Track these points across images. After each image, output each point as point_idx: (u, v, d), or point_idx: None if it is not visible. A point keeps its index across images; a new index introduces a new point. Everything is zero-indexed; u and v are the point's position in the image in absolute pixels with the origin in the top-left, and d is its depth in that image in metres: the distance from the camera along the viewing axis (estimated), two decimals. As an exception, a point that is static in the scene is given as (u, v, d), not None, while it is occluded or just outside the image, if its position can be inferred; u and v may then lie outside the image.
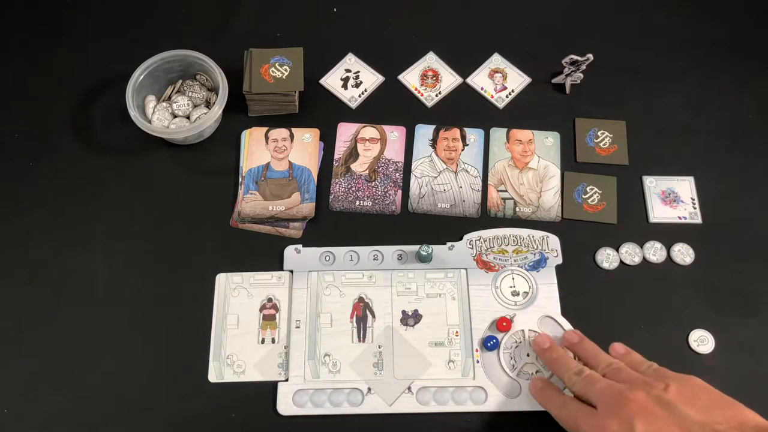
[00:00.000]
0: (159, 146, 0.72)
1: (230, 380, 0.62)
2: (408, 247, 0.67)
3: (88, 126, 0.74)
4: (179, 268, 0.66)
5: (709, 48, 0.78)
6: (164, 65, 0.72)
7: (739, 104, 0.75)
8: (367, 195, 0.70)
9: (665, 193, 0.70)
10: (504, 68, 0.77)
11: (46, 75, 0.76)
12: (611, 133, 0.73)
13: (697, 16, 0.80)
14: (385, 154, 0.72)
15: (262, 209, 0.68)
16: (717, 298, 0.65)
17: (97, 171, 0.71)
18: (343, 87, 0.76)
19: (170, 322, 0.64)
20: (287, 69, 0.72)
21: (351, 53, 0.78)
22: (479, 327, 0.63)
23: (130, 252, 0.67)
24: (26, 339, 0.63)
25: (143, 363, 0.62)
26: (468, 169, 0.71)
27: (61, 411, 0.61)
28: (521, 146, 0.73)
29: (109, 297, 0.65)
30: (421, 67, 0.77)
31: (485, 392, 0.60)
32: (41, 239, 0.68)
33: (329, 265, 0.66)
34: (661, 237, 0.68)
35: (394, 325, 0.63)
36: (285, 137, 0.72)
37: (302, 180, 0.70)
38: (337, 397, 0.60)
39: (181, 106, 0.72)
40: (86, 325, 0.64)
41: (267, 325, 0.64)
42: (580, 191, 0.70)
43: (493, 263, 0.66)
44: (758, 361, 0.62)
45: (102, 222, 0.69)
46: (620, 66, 0.77)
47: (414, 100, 0.75)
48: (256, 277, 0.66)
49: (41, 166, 0.72)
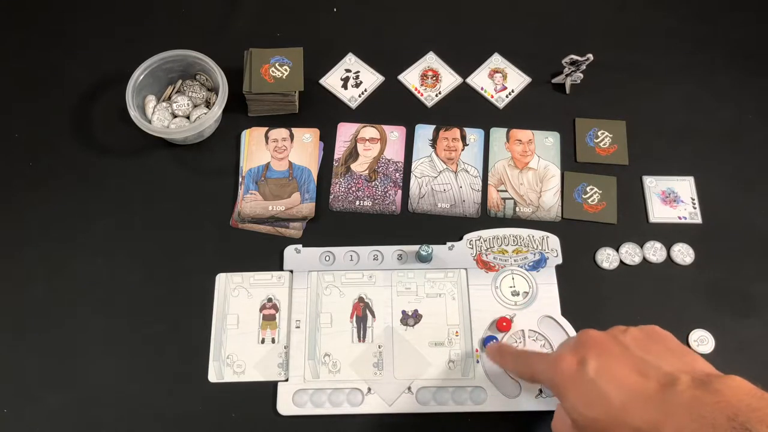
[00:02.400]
0: (159, 146, 0.72)
1: (230, 380, 0.62)
2: (408, 247, 0.67)
3: (88, 126, 0.74)
4: (179, 268, 0.66)
5: (709, 48, 0.78)
6: (164, 65, 0.72)
7: (739, 104, 0.75)
8: (367, 195, 0.70)
9: (665, 193, 0.70)
10: (504, 68, 0.77)
11: (46, 75, 0.76)
12: (611, 133, 0.73)
13: (697, 16, 0.80)
14: (385, 154, 0.72)
15: (262, 209, 0.68)
16: (717, 298, 0.65)
17: (97, 171, 0.71)
18: (343, 87, 0.76)
19: (170, 322, 0.64)
20: (287, 69, 0.72)
21: (351, 53, 0.78)
22: (479, 327, 0.63)
23: (130, 252, 0.67)
24: (26, 339, 0.63)
25: (143, 363, 0.62)
26: (468, 169, 0.71)
27: (61, 411, 0.61)
28: (521, 146, 0.73)
29: (109, 297, 0.65)
30: (421, 67, 0.77)
31: (485, 392, 0.60)
32: (41, 239, 0.68)
33: (329, 265, 0.66)
34: (661, 237, 0.68)
35: (394, 325, 0.63)
36: (285, 137, 0.72)
37: (302, 180, 0.70)
38: (337, 397, 0.60)
39: (181, 106, 0.72)
40: (86, 325, 0.64)
41: (267, 325, 0.64)
42: (580, 191, 0.70)
43: (493, 263, 0.66)
44: (758, 361, 0.62)
45: (102, 222, 0.69)
46: (620, 66, 0.77)
47: (414, 100, 0.75)
48: (256, 277, 0.66)
49: (41, 166, 0.72)
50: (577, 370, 0.44)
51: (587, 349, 0.45)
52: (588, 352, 0.44)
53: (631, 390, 0.41)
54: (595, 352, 0.44)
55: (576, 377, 0.44)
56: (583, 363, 0.44)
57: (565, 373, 0.44)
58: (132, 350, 0.63)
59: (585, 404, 0.43)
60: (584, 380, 0.43)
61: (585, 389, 0.43)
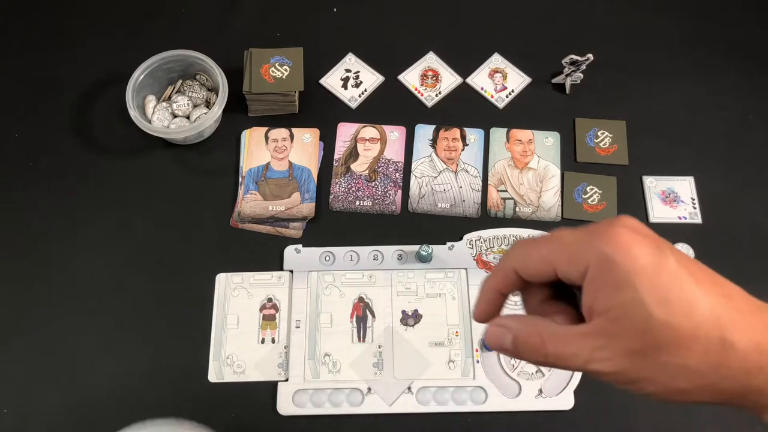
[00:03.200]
0: (159, 146, 0.72)
1: (230, 380, 0.62)
2: (408, 247, 0.66)
3: (88, 126, 0.74)
4: (179, 268, 0.66)
5: (709, 48, 0.78)
6: (164, 65, 0.71)
7: (739, 104, 0.75)
8: (367, 195, 0.70)
9: (665, 193, 0.70)
10: (504, 68, 0.77)
11: (46, 75, 0.76)
12: (611, 133, 0.73)
13: (697, 16, 0.80)
14: (385, 154, 0.72)
15: (262, 209, 0.68)
16: (717, 298, 0.65)
17: (97, 171, 0.71)
18: (343, 87, 0.76)
19: (170, 322, 0.64)
20: (287, 69, 0.72)
21: (351, 53, 0.78)
22: (479, 327, 0.63)
23: (130, 252, 0.67)
24: (26, 339, 0.63)
25: (143, 363, 0.62)
26: (468, 169, 0.71)
27: (61, 411, 0.61)
28: (521, 146, 0.73)
29: (109, 297, 0.65)
30: (421, 67, 0.77)
31: (485, 392, 0.60)
32: (41, 239, 0.68)
33: (329, 265, 0.66)
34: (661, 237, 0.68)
35: (394, 325, 0.63)
36: (285, 137, 0.72)
37: (302, 180, 0.70)
38: (337, 397, 0.60)
39: (181, 106, 0.72)
40: (86, 324, 0.64)
41: (267, 325, 0.64)
42: (580, 191, 0.70)
43: (493, 263, 0.66)
44: (758, 361, 0.62)
45: (102, 222, 0.69)
46: (620, 66, 0.77)
47: (414, 100, 0.75)
48: (256, 277, 0.66)
49: (41, 166, 0.72)
50: (656, 255, 0.30)
51: (656, 238, 0.31)
52: (659, 240, 0.31)
53: (719, 300, 0.29)
54: (666, 244, 0.31)
55: (655, 264, 0.29)
56: (661, 250, 0.30)
57: (638, 256, 0.30)
58: (132, 350, 0.63)
59: (662, 302, 0.29)
60: (667, 271, 0.29)
61: (665, 283, 0.29)
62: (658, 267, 0.29)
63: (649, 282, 0.29)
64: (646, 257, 0.29)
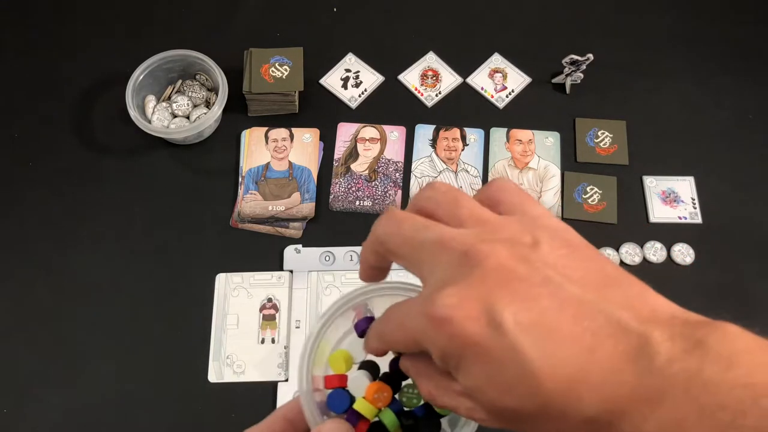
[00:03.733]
0: (159, 146, 0.72)
1: (230, 380, 0.62)
2: (408, 247, 0.66)
3: (88, 126, 0.74)
4: (179, 268, 0.66)
5: (709, 48, 0.78)
6: (164, 65, 0.71)
7: (739, 104, 0.75)
8: (367, 195, 0.70)
9: (665, 193, 0.70)
10: (504, 68, 0.77)
11: (46, 75, 0.76)
12: (611, 133, 0.73)
13: (697, 16, 0.80)
14: (385, 154, 0.72)
15: (262, 209, 0.68)
16: (717, 298, 0.65)
17: (97, 171, 0.71)
18: (343, 87, 0.76)
19: (170, 322, 0.64)
20: (287, 69, 0.72)
21: (351, 53, 0.78)
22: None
23: (130, 252, 0.67)
24: (26, 339, 0.63)
25: (143, 363, 0.62)
26: (468, 169, 0.71)
27: (61, 411, 0.61)
28: (521, 146, 0.73)
29: (109, 297, 0.65)
30: (421, 67, 0.77)
31: (485, 392, 0.60)
32: (41, 239, 0.68)
33: (329, 265, 0.66)
34: (661, 237, 0.68)
35: (394, 325, 0.63)
36: (285, 137, 0.72)
37: (302, 180, 0.70)
38: (337, 397, 0.60)
39: (181, 106, 0.72)
40: (86, 325, 0.64)
41: (267, 325, 0.64)
42: (580, 191, 0.70)
43: (493, 263, 0.66)
44: (758, 361, 0.62)
45: (102, 222, 0.69)
46: (620, 66, 0.77)
47: (414, 100, 0.75)
48: (256, 277, 0.66)
49: (41, 166, 0.71)
50: (483, 327, 0.23)
51: (490, 287, 0.24)
52: (494, 291, 0.24)
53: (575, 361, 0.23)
54: (505, 290, 0.24)
55: (482, 340, 0.23)
56: (491, 313, 0.23)
57: (460, 335, 0.24)
58: (132, 350, 0.63)
59: (500, 386, 0.24)
60: (499, 345, 0.23)
61: (499, 360, 0.23)
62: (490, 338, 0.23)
63: (481, 362, 0.24)
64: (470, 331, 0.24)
